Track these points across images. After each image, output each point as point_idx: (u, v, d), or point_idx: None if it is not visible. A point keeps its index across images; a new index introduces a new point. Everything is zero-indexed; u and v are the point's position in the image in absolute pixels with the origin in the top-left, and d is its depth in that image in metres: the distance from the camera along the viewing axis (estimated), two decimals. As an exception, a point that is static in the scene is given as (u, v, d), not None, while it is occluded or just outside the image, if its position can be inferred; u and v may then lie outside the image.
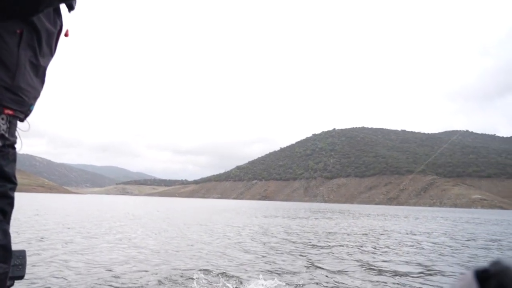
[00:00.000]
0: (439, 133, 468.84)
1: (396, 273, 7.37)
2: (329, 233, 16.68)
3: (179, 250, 9.58)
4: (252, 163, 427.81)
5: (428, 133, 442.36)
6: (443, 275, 7.37)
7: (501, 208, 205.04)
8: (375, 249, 11.27)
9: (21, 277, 1.43)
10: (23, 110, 1.23)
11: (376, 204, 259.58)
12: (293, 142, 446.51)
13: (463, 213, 77.00)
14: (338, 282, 6.32)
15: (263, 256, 8.91)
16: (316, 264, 8.15)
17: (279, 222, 23.73)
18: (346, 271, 7.42)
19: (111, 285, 5.61)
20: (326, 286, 6.00)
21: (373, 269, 7.74)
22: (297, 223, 23.35)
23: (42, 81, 1.26)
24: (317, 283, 6.18)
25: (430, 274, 7.39)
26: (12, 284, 1.43)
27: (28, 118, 1.16)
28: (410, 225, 24.78)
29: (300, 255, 9.33)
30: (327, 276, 6.80)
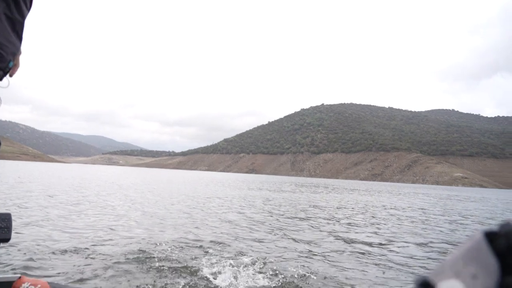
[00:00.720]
0: (425, 111, 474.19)
1: (379, 244, 7.50)
2: (315, 206, 16.89)
3: (164, 220, 9.55)
4: (240, 136, 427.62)
5: (415, 111, 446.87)
6: (427, 246, 7.53)
7: (481, 186, 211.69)
8: (357, 222, 11.46)
9: (7, 239, 1.45)
10: (2, 66, 1.19)
11: (361, 179, 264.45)
12: (282, 116, 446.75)
13: (444, 190, 79.14)
14: (323, 255, 6.38)
15: (248, 227, 8.96)
16: (300, 237, 8.23)
17: (265, 194, 23.94)
18: (325, 242, 7.50)
19: (94, 251, 5.53)
20: (309, 258, 6.05)
21: (355, 241, 7.87)
22: (283, 196, 23.59)
23: (19, 36, 1.21)
24: (298, 255, 6.23)
25: (418, 245, 7.55)
26: None
27: (9, 77, 1.09)
28: (394, 200, 25.33)
29: (283, 227, 9.41)
30: (309, 250, 6.86)
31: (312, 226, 9.83)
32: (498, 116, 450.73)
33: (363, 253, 6.60)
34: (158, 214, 10.62)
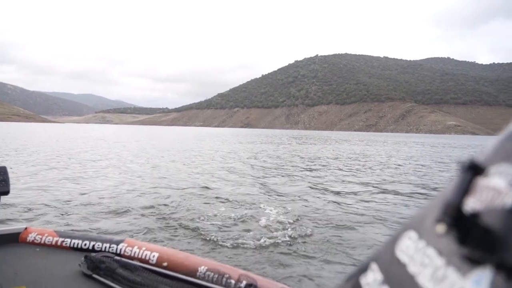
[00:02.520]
0: (420, 60, 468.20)
1: (382, 190, 7.60)
2: (315, 157, 17.01)
3: (168, 175, 9.54)
4: (234, 90, 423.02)
5: (410, 60, 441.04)
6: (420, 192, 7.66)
7: (474, 134, 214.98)
8: (358, 170, 11.58)
9: (6, 192, 1.47)
10: None
11: (355, 130, 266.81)
12: (275, 69, 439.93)
13: (436, 138, 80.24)
14: (328, 201, 6.44)
15: (253, 178, 9.00)
16: (307, 187, 8.31)
17: (264, 147, 24.04)
18: (333, 191, 7.59)
19: (102, 210, 5.52)
20: (318, 208, 6.10)
21: (360, 188, 7.97)
22: (281, 148, 23.72)
23: None
24: (306, 204, 6.29)
25: (413, 192, 7.67)
26: None
27: None
28: (388, 150, 25.61)
29: (286, 176, 9.48)
30: (319, 198, 6.93)
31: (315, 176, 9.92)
32: (493, 63, 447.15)
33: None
34: (169, 169, 10.62)
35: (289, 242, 3.96)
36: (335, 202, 6.36)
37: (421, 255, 0.27)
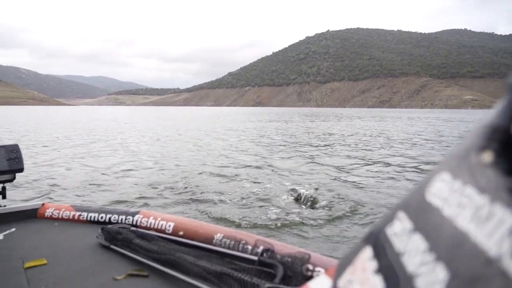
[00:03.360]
0: (436, 33, 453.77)
1: (396, 165, 7.57)
2: (329, 134, 16.96)
3: (184, 153, 9.67)
4: (245, 69, 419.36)
5: (424, 33, 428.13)
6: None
7: (491, 108, 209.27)
8: (373, 146, 11.52)
9: (20, 169, 1.50)
10: None
11: (368, 107, 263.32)
12: (286, 46, 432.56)
13: (453, 113, 78.69)
14: (342, 180, 6.47)
15: (269, 154, 9.05)
16: (319, 161, 8.33)
17: (279, 126, 24.04)
18: (349, 167, 7.60)
19: (116, 187, 5.66)
20: (334, 181, 6.14)
21: (376, 164, 7.95)
22: (294, 126, 23.68)
23: None
24: (324, 182, 6.32)
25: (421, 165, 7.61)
26: (14, 178, 1.52)
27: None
28: (402, 125, 25.31)
29: (303, 155, 9.50)
30: (332, 173, 6.95)
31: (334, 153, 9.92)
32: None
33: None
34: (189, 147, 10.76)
35: (307, 215, 3.95)
36: (353, 175, 6.39)
37: (458, 196, 0.24)
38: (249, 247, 1.07)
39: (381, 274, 0.27)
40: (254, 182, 5.89)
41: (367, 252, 0.31)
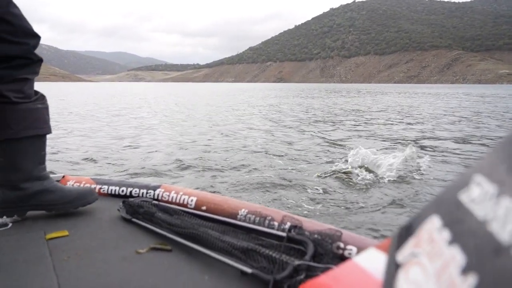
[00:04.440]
0: (470, 2, 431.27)
1: (430, 146, 7.06)
2: (355, 110, 16.33)
3: (205, 130, 9.41)
4: (266, 43, 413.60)
5: (458, 2, 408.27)
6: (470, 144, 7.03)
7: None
8: (402, 123, 10.95)
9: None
10: None
11: (395, 82, 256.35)
12: (309, 18, 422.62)
13: (487, 89, 75.25)
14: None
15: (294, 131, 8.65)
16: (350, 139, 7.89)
17: (301, 101, 23.48)
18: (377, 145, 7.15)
19: (137, 161, 5.44)
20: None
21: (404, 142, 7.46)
22: (318, 102, 23.07)
23: None
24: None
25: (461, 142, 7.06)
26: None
27: None
28: (434, 101, 24.21)
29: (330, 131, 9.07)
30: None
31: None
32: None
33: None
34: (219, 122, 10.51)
35: (340, 195, 3.72)
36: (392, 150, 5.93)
37: None
38: (276, 223, 1.04)
39: (459, 245, 0.25)
40: (286, 159, 5.53)
41: (434, 222, 0.29)
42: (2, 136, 1.15)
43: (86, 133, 8.32)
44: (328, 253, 0.84)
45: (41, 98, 1.25)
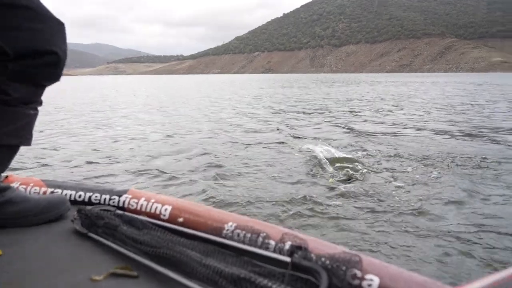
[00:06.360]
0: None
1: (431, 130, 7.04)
2: (347, 100, 16.31)
3: (188, 124, 9.23)
4: (253, 33, 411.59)
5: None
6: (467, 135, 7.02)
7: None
8: (394, 112, 10.95)
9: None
10: None
11: (387, 72, 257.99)
12: (298, 6, 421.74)
13: (480, 77, 76.38)
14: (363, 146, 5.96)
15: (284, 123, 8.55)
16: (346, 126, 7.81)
17: (288, 92, 23.40)
18: (374, 133, 7.09)
19: (99, 160, 5.23)
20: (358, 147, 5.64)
21: (399, 126, 7.43)
22: (307, 92, 23.03)
23: None
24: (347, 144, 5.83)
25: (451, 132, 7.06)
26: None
27: None
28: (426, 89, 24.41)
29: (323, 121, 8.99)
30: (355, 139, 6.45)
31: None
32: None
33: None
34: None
35: (346, 200, 3.19)
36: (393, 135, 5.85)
37: None
38: (272, 242, 0.87)
39: None
40: (276, 154, 5.38)
41: None
42: None
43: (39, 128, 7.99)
44: (344, 285, 0.70)
45: (38, 102, 1.12)
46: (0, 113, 0.98)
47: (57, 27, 1.03)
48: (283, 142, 6.12)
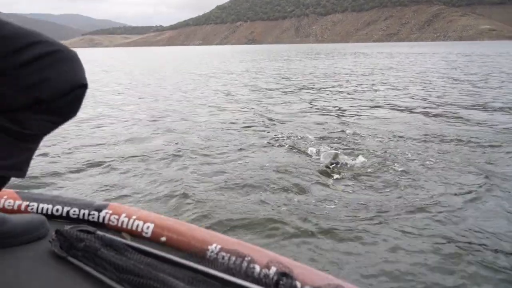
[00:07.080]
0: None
1: (407, 108, 6.86)
2: (329, 74, 16.00)
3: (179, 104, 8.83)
4: (235, 1, 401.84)
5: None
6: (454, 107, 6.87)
7: (510, 39, 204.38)
8: (379, 86, 10.75)
9: None
10: None
11: (374, 41, 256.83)
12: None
13: (468, 45, 76.60)
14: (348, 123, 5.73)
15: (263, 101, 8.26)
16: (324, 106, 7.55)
17: (275, 65, 22.92)
18: (355, 110, 6.86)
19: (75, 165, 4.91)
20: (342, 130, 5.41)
21: (383, 107, 7.22)
22: (293, 65, 22.61)
23: None
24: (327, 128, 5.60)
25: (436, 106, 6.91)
26: None
27: None
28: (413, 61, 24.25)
29: (303, 97, 8.72)
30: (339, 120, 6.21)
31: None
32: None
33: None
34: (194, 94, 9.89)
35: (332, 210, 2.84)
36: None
37: None
38: (257, 267, 0.86)
39: None
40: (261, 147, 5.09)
41: None
42: None
43: None
44: None
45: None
46: (10, 146, 0.96)
47: (75, 57, 1.01)
48: (257, 127, 5.85)
